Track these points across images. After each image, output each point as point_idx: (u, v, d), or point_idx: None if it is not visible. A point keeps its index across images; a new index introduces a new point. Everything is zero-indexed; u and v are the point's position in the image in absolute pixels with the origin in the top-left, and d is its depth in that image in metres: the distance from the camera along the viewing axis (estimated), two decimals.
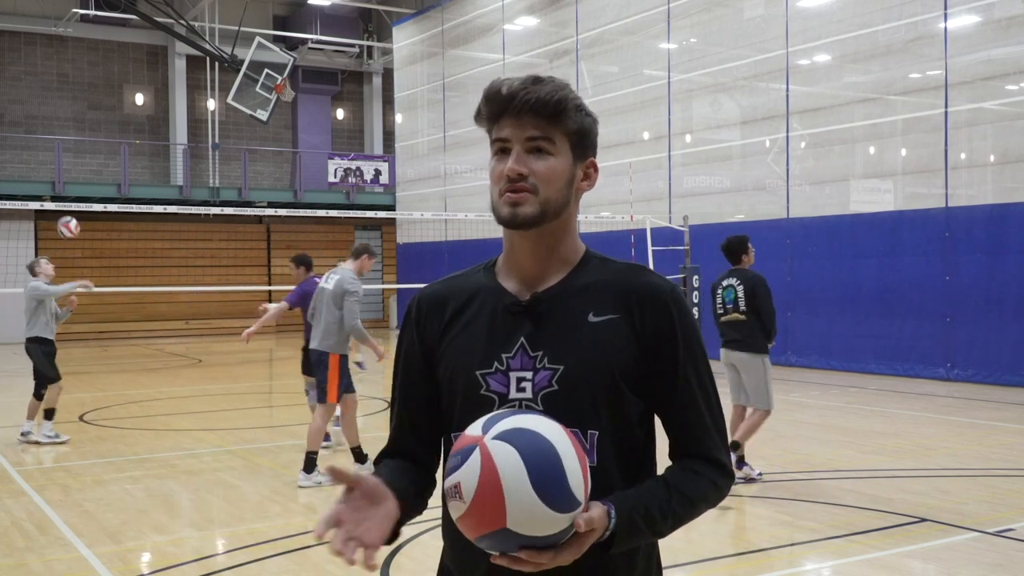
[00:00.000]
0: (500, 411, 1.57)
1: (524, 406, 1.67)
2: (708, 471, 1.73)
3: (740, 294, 7.60)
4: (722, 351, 7.73)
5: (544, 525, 1.47)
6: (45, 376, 9.67)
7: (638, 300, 1.72)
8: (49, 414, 9.76)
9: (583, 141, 1.74)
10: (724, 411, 1.81)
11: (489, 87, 1.72)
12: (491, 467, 1.46)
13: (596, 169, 1.78)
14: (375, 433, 9.65)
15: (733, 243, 7.79)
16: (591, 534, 1.53)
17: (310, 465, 7.50)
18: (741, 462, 7.42)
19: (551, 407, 1.66)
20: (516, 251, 1.76)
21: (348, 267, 7.93)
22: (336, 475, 1.57)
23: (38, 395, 9.77)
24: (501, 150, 1.71)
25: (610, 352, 1.69)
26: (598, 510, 1.55)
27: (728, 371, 7.75)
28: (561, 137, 1.70)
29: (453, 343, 1.76)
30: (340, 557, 1.51)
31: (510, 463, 1.46)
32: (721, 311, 7.72)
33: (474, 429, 1.53)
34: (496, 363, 1.71)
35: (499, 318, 1.74)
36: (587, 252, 1.80)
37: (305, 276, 9.37)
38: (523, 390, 1.69)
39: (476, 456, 1.48)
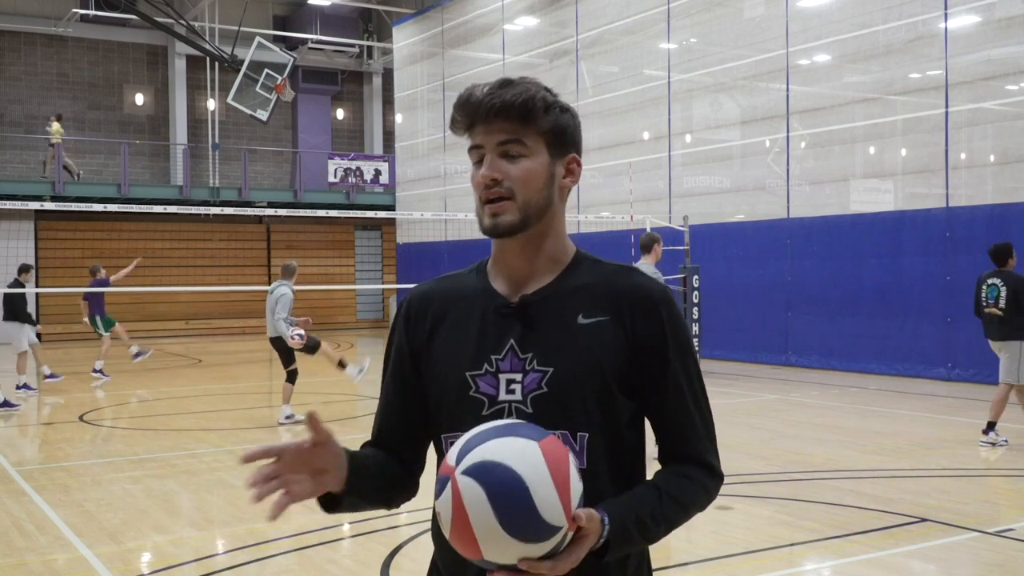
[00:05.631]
0: (477, 432, 1.51)
1: (513, 408, 1.66)
2: (698, 475, 1.73)
3: (1002, 293, 8.76)
4: (989, 341, 8.99)
5: (523, 554, 1.45)
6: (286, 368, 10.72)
7: (628, 302, 1.71)
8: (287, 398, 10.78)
9: (560, 138, 1.71)
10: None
11: (459, 96, 1.71)
12: (460, 506, 1.44)
13: (579, 164, 1.76)
14: None
15: (1000, 249, 9.00)
16: (588, 539, 1.51)
17: None
18: (990, 428, 8.76)
19: (540, 409, 1.65)
20: (504, 253, 1.75)
21: (647, 262, 8.54)
22: (312, 422, 1.56)
23: (290, 380, 10.77)
24: (478, 158, 1.70)
25: (600, 354, 1.68)
26: (593, 514, 1.53)
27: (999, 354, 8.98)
28: (534, 138, 1.68)
29: (443, 344, 1.76)
30: (252, 488, 1.52)
31: (476, 503, 1.43)
32: (985, 304, 8.92)
33: (451, 455, 1.49)
34: (486, 365, 1.70)
35: (490, 320, 1.73)
36: (578, 253, 1.78)
37: None
38: (512, 392, 1.68)
39: (449, 491, 1.46)
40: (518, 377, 1.68)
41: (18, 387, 13.51)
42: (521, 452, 1.46)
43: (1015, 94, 14.10)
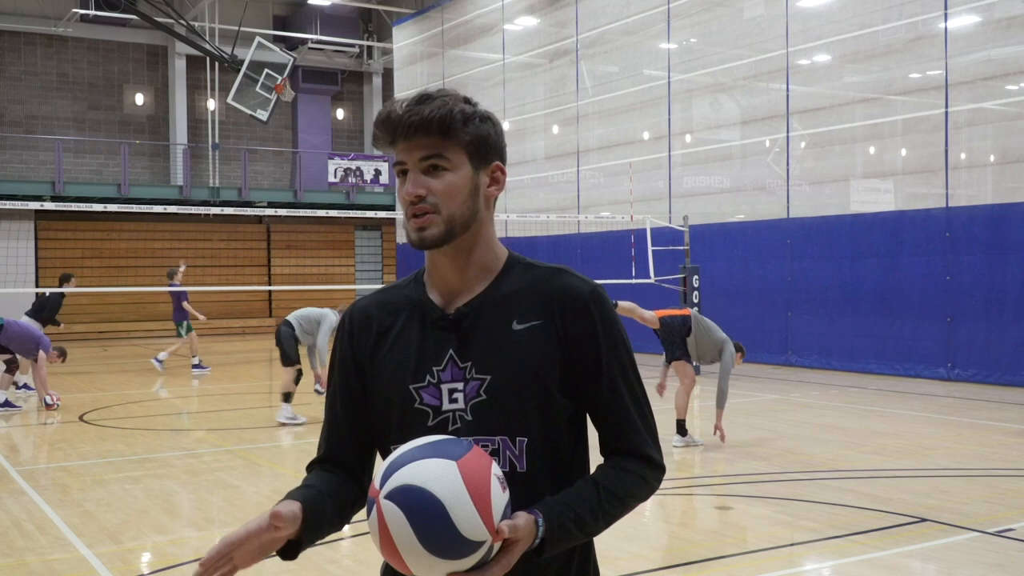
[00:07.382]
0: (400, 453, 1.56)
1: (457, 416, 1.71)
2: (637, 467, 1.77)
3: None
4: None
5: (449, 569, 1.51)
6: (285, 355, 10.51)
7: (559, 304, 1.75)
8: (286, 397, 10.52)
9: (481, 149, 1.73)
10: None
11: (379, 113, 1.73)
12: (385, 528, 1.51)
13: (503, 172, 1.78)
14: None
15: None
16: (519, 544, 1.56)
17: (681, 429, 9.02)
18: None
19: (481, 416, 1.70)
20: (436, 265, 1.79)
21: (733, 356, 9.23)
22: (277, 519, 1.63)
23: (295, 380, 10.58)
24: (402, 172, 1.72)
25: (535, 359, 1.72)
26: (523, 519, 1.57)
27: None
28: (455, 150, 1.70)
29: (386, 358, 1.79)
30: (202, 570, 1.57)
31: (399, 526, 1.50)
32: None
33: (377, 477, 1.56)
34: (428, 376, 1.74)
35: (429, 332, 1.77)
36: (510, 257, 1.81)
37: None
38: (455, 401, 1.72)
39: (375, 514, 1.53)
40: (460, 386, 1.73)
41: (18, 387, 13.51)
42: (439, 474, 1.51)
43: (1015, 94, 14.10)
